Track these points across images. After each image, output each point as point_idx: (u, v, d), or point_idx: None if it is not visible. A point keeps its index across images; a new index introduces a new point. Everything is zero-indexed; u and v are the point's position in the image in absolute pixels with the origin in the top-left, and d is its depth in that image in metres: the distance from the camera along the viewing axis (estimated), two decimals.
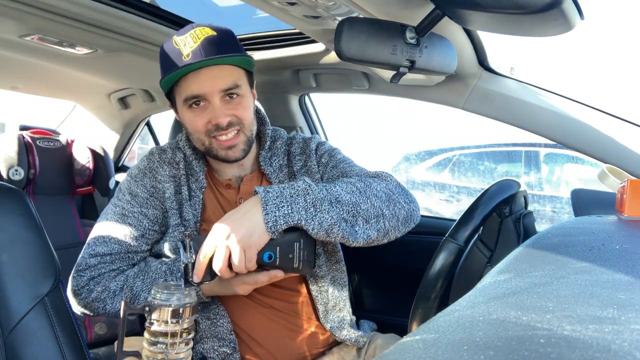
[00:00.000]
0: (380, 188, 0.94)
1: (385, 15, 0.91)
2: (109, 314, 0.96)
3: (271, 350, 1.01)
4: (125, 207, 1.00)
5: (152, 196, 1.02)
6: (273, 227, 0.81)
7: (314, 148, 1.10)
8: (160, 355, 0.74)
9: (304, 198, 0.84)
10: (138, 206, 1.00)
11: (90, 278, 0.97)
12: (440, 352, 0.28)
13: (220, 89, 0.93)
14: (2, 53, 1.52)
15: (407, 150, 4.63)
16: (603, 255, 0.50)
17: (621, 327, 0.30)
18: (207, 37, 0.91)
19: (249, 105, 0.99)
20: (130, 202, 1.01)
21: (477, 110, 1.27)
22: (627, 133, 1.10)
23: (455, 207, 3.93)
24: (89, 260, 0.98)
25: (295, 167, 1.08)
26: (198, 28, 0.92)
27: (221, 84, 0.93)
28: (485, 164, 4.24)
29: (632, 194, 0.73)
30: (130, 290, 0.96)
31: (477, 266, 1.09)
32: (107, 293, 0.96)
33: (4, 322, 0.72)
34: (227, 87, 0.94)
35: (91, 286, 0.96)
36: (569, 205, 2.17)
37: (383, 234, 0.91)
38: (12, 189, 0.82)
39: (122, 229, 0.99)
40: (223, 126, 0.94)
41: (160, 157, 1.05)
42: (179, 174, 1.04)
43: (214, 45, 0.91)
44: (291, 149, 1.10)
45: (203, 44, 0.91)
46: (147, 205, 1.01)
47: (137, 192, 1.01)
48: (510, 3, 0.64)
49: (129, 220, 0.99)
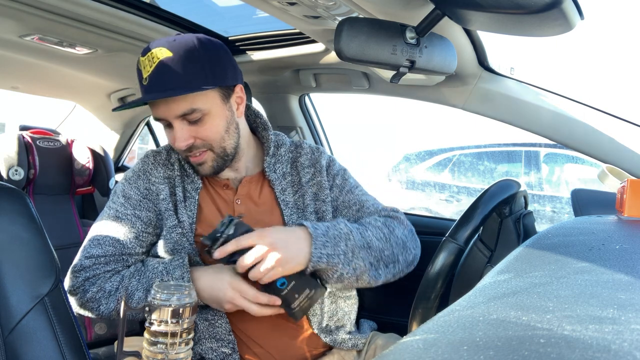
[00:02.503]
0: (399, 234, 1.02)
1: (385, 15, 0.91)
2: (103, 314, 0.96)
3: (271, 350, 1.01)
4: (119, 210, 1.01)
5: (146, 198, 1.02)
6: (315, 262, 0.88)
7: (324, 165, 1.10)
8: (160, 355, 0.74)
9: (345, 242, 0.91)
10: (131, 208, 1.00)
11: (85, 279, 0.97)
12: (440, 352, 0.28)
13: (175, 115, 0.92)
14: (2, 53, 1.52)
15: (407, 150, 4.63)
16: (603, 255, 0.50)
17: (621, 327, 0.30)
18: (161, 61, 0.88)
19: (215, 124, 0.95)
20: (124, 204, 1.01)
21: (477, 110, 1.27)
22: (627, 133, 1.10)
23: (455, 207, 3.93)
24: (84, 261, 0.98)
25: (304, 179, 1.07)
26: (155, 49, 0.89)
27: (176, 110, 0.92)
28: (485, 164, 4.25)
29: (632, 194, 0.73)
30: (125, 290, 0.96)
31: (477, 266, 1.09)
32: (102, 293, 0.96)
33: (4, 322, 0.72)
34: (182, 113, 0.92)
35: (86, 287, 0.96)
36: (569, 205, 2.17)
37: (393, 276, 1.00)
38: (12, 189, 0.82)
39: (116, 231, 0.99)
40: (182, 150, 0.95)
41: (155, 159, 1.06)
42: (174, 174, 1.04)
43: (165, 73, 0.88)
44: (299, 158, 1.09)
45: (156, 71, 0.88)
46: (141, 207, 1.01)
47: (130, 194, 1.02)
48: (510, 3, 0.64)
49: (122, 222, 1.00)
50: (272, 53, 1.47)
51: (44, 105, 2.56)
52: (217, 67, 0.94)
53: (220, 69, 0.94)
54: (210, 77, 0.92)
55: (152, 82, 0.89)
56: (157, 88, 0.89)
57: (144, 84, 0.91)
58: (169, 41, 0.90)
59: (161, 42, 0.90)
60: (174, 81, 0.88)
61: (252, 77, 1.63)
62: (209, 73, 0.91)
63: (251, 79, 1.65)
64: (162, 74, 0.88)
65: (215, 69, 0.93)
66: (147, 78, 0.89)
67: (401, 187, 4.46)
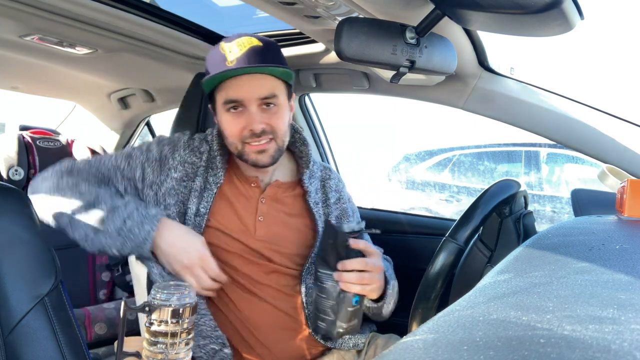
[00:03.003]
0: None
1: (385, 15, 0.91)
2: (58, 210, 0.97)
3: (271, 350, 1.01)
4: (135, 153, 1.07)
5: (157, 162, 1.05)
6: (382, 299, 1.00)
7: (346, 197, 1.19)
8: (160, 355, 0.74)
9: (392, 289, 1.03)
10: (144, 158, 1.06)
11: (69, 170, 1.04)
12: (440, 352, 0.28)
13: (258, 96, 0.97)
14: (2, 53, 1.52)
15: (407, 150, 4.63)
16: (603, 255, 0.50)
17: (621, 327, 0.30)
18: (252, 47, 0.95)
19: (284, 116, 1.02)
20: (142, 152, 1.07)
21: (477, 110, 1.27)
22: (627, 133, 1.10)
23: (455, 207, 3.92)
24: (79, 164, 1.06)
25: (331, 199, 1.14)
26: (245, 37, 0.96)
27: (259, 92, 0.97)
28: (485, 164, 4.24)
29: (632, 194, 0.73)
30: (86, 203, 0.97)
31: (477, 266, 1.09)
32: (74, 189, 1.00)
33: (4, 322, 0.72)
34: (265, 96, 0.97)
35: (64, 175, 1.03)
36: (569, 205, 2.17)
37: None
38: (12, 189, 0.82)
39: (120, 163, 1.06)
40: (257, 132, 0.98)
41: (188, 141, 1.09)
42: (199, 163, 1.06)
43: (258, 55, 0.95)
44: (328, 180, 1.16)
45: (248, 52, 0.94)
46: (151, 165, 1.05)
47: (153, 149, 1.07)
48: (510, 3, 0.64)
49: (130, 161, 1.06)
50: None
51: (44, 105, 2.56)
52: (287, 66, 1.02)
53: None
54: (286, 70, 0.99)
55: (246, 59, 0.94)
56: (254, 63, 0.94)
57: (227, 65, 0.94)
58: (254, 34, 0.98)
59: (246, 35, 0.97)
60: (270, 61, 0.96)
61: None
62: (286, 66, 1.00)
63: None
64: (257, 54, 0.94)
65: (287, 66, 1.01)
66: (233, 60, 0.94)
67: (401, 187, 4.46)
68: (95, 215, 0.94)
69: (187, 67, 1.61)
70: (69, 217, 0.96)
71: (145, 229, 0.93)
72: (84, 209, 0.95)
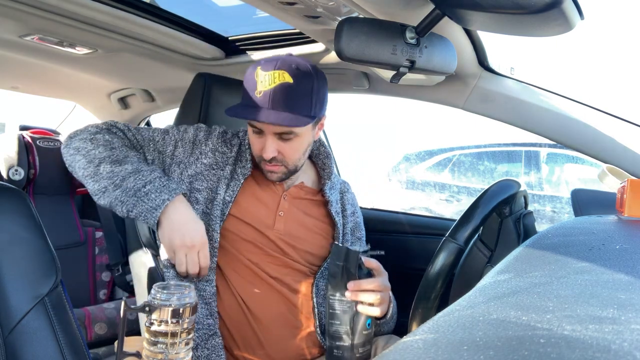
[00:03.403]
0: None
1: (385, 15, 0.91)
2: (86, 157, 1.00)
3: (270, 350, 1.01)
4: (171, 131, 1.10)
5: (190, 144, 1.08)
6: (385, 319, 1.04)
7: (359, 212, 1.24)
8: (160, 355, 0.74)
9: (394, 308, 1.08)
10: (179, 137, 1.09)
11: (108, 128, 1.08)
12: (440, 352, 0.28)
13: (274, 131, 0.99)
14: (2, 53, 1.52)
15: (407, 150, 4.63)
16: (603, 255, 0.50)
17: (621, 327, 0.30)
18: (282, 84, 0.95)
19: (300, 145, 1.04)
20: (180, 132, 1.10)
21: (477, 110, 1.27)
22: (627, 133, 1.10)
23: (455, 207, 3.92)
24: (118, 124, 1.10)
25: (348, 211, 1.18)
26: (279, 71, 0.95)
27: (276, 128, 0.99)
28: (485, 164, 4.24)
29: (632, 194, 0.73)
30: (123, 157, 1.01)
31: (477, 266, 1.09)
32: (107, 143, 1.03)
33: (4, 322, 0.72)
34: (281, 132, 1.00)
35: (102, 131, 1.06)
36: (569, 205, 2.17)
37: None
38: (12, 189, 0.82)
39: (156, 136, 1.09)
40: (267, 160, 1.02)
41: (222, 133, 1.13)
42: (229, 154, 1.09)
43: (284, 95, 0.95)
44: (346, 194, 1.21)
45: (275, 89, 0.95)
46: (184, 144, 1.08)
47: (189, 131, 1.10)
48: (510, 3, 0.64)
49: (165, 137, 1.10)
50: (272, 53, 1.47)
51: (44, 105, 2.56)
52: (322, 101, 1.03)
53: (322, 103, 1.03)
54: (316, 110, 1.00)
55: (266, 99, 0.95)
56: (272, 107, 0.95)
57: (256, 95, 0.96)
58: (290, 66, 0.96)
59: (284, 64, 0.96)
60: (290, 106, 0.96)
61: None
62: (315, 106, 1.00)
63: None
64: (283, 96, 0.95)
65: (320, 102, 1.02)
66: (261, 92, 0.95)
67: (401, 187, 4.46)
68: (120, 171, 0.98)
69: (187, 67, 1.61)
70: (95, 168, 0.99)
71: (161, 197, 0.95)
72: (111, 164, 0.99)
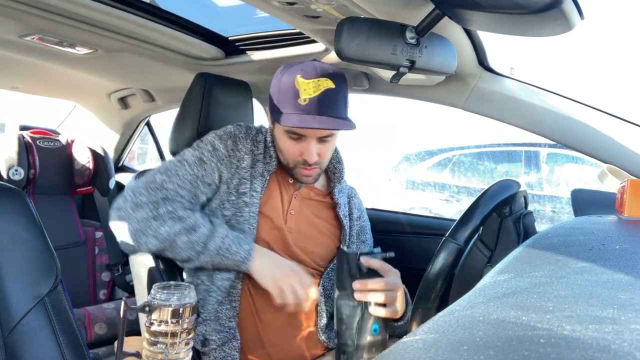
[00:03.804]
0: None
1: (385, 15, 0.91)
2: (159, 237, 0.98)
3: (271, 350, 1.01)
4: (205, 155, 1.07)
5: (229, 157, 1.08)
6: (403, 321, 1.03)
7: (365, 217, 1.25)
8: (160, 355, 0.74)
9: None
10: (216, 159, 1.07)
11: (164, 198, 1.01)
12: (440, 352, 0.28)
13: (319, 135, 1.03)
14: (2, 53, 1.52)
15: (407, 150, 4.63)
16: (603, 255, 0.50)
17: (621, 327, 0.30)
18: (327, 90, 0.98)
19: (333, 146, 1.09)
20: (211, 152, 1.07)
21: (477, 110, 1.27)
22: (627, 133, 1.10)
23: (455, 207, 3.92)
24: (165, 184, 1.03)
25: (354, 215, 1.20)
26: (322, 79, 0.98)
27: (321, 133, 1.02)
28: (485, 164, 4.24)
29: (632, 194, 0.73)
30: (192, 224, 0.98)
31: (477, 266, 1.08)
32: (172, 215, 0.99)
33: (4, 322, 0.72)
34: (325, 135, 1.03)
35: (160, 203, 1.00)
36: (569, 205, 2.17)
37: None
38: (12, 189, 0.82)
39: (197, 171, 1.05)
40: (310, 163, 1.04)
41: (247, 131, 1.12)
42: (257, 151, 1.11)
43: (331, 101, 0.98)
44: (353, 198, 1.23)
45: (322, 97, 0.97)
46: (223, 162, 1.07)
47: (219, 147, 1.08)
48: (510, 3, 0.64)
49: (205, 166, 1.06)
50: (272, 53, 1.47)
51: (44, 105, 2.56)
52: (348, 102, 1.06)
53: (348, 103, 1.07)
54: (347, 110, 1.05)
55: (313, 105, 0.97)
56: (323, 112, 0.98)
57: (299, 103, 0.98)
58: (329, 72, 1.00)
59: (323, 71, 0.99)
60: (336, 111, 0.99)
61: (252, 77, 1.62)
62: (347, 107, 1.05)
63: (251, 79, 1.65)
64: (327, 102, 0.98)
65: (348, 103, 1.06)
66: (306, 99, 0.97)
67: (401, 187, 4.46)
68: (198, 238, 0.98)
69: (187, 67, 1.61)
70: (171, 244, 0.98)
71: (243, 248, 0.98)
72: (186, 234, 0.98)
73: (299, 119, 0.97)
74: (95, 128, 2.37)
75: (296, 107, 0.98)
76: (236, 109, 1.34)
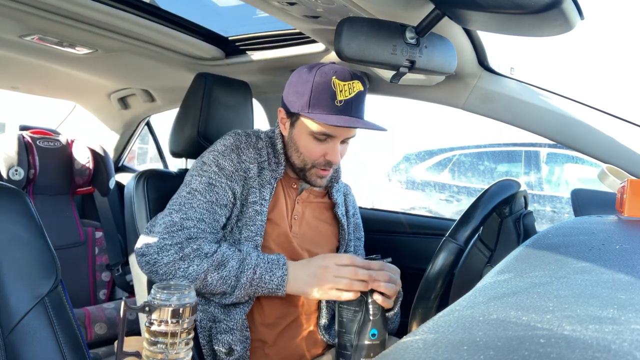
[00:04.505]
0: None
1: (385, 15, 0.91)
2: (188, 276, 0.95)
3: (271, 350, 1.01)
4: (213, 177, 1.03)
5: (237, 171, 1.05)
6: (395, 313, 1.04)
7: (358, 214, 1.27)
8: (160, 355, 0.74)
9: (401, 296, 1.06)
10: (225, 178, 1.04)
11: (187, 237, 0.96)
12: (440, 352, 0.28)
13: (346, 136, 1.04)
14: (2, 53, 1.52)
15: (407, 150, 4.62)
16: (603, 255, 0.50)
17: (621, 327, 0.30)
18: (359, 92, 1.01)
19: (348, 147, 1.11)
20: (218, 173, 1.04)
21: (477, 110, 1.27)
22: (627, 133, 1.10)
23: (455, 207, 3.92)
24: (184, 222, 0.98)
25: (350, 212, 1.22)
26: (355, 82, 1.00)
27: (350, 134, 1.04)
28: (485, 164, 4.24)
29: (632, 194, 0.73)
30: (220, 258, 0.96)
31: (477, 266, 1.08)
32: (198, 252, 0.95)
33: (4, 322, 0.72)
34: (349, 137, 1.05)
35: (185, 244, 0.96)
36: (569, 205, 2.17)
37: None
38: (12, 189, 0.82)
39: (210, 197, 1.01)
40: (334, 165, 1.05)
41: (247, 139, 1.10)
42: (261, 159, 1.09)
43: (362, 102, 1.02)
44: (349, 196, 1.26)
45: (355, 99, 1.00)
46: (233, 179, 1.04)
47: (224, 165, 1.05)
48: (510, 3, 0.64)
49: (216, 189, 1.02)
50: (272, 53, 1.47)
51: (44, 105, 2.56)
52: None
53: None
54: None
55: (348, 107, 0.99)
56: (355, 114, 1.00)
57: (336, 104, 0.99)
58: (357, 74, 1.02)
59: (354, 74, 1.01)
60: (363, 112, 1.03)
61: (252, 77, 1.62)
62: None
63: (251, 79, 1.65)
64: (361, 102, 1.02)
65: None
66: (342, 101, 0.99)
67: (401, 187, 4.46)
68: (229, 273, 0.95)
69: (187, 67, 1.61)
70: (202, 281, 0.95)
71: (276, 275, 0.96)
72: (215, 270, 0.95)
73: (339, 119, 0.97)
74: (95, 128, 2.37)
75: (333, 108, 0.98)
76: (236, 109, 1.34)
